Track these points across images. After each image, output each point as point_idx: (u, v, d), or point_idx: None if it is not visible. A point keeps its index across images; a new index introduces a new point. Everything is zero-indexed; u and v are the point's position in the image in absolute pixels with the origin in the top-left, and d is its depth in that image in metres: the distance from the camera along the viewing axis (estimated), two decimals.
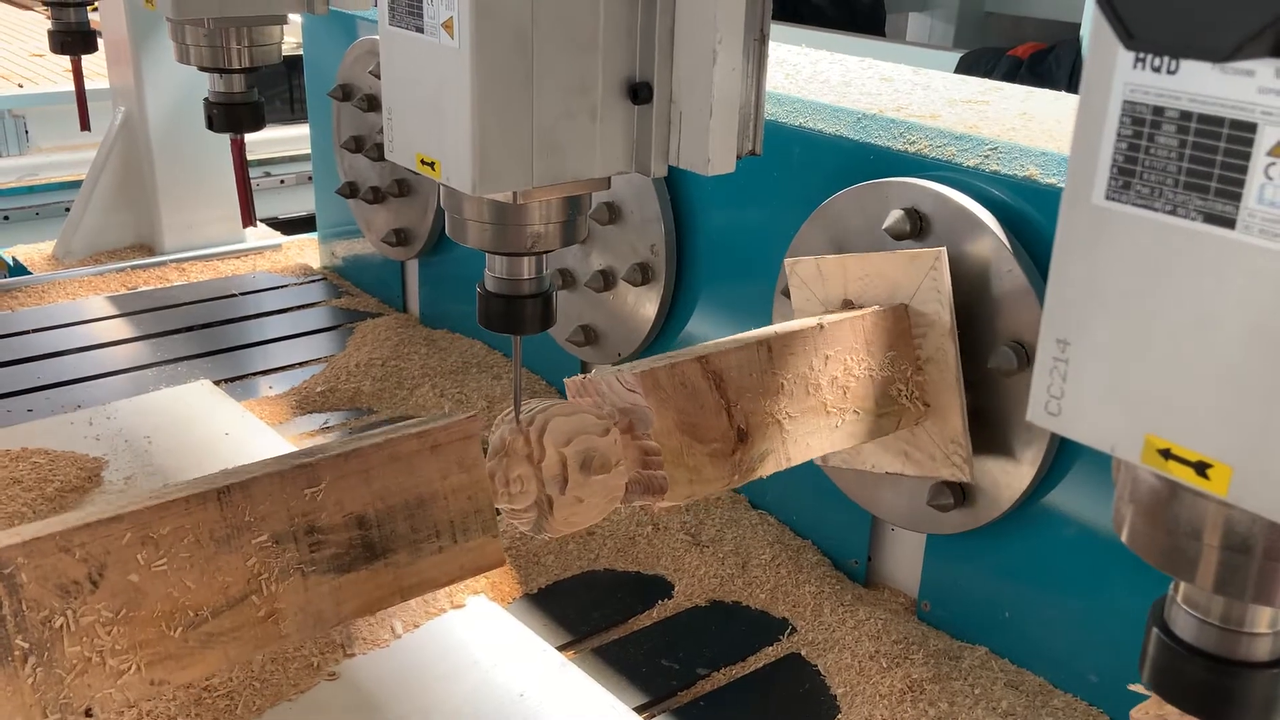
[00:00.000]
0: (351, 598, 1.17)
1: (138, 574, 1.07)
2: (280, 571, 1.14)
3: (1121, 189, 0.68)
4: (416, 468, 1.22)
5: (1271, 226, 0.63)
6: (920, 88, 1.93)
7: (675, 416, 1.30)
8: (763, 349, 1.41)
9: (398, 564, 1.20)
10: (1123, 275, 0.69)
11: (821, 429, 1.44)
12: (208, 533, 1.11)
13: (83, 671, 1.03)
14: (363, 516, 1.19)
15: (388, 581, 1.19)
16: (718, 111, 1.06)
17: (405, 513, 1.22)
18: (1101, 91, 0.68)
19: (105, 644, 1.04)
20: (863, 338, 1.50)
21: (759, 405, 1.39)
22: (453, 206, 1.14)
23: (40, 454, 2.08)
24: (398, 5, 1.02)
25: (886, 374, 1.51)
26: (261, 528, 1.14)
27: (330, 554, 1.17)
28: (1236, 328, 0.65)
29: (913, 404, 1.53)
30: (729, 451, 1.35)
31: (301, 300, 3.00)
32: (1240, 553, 0.73)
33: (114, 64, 3.28)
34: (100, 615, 1.05)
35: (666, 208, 2.03)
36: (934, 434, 1.55)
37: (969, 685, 1.62)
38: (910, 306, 1.54)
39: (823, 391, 1.45)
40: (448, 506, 1.24)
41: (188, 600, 1.09)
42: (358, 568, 1.18)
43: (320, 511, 1.17)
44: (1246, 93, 0.62)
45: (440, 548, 1.23)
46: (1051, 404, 0.74)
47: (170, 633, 1.07)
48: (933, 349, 1.53)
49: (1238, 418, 0.66)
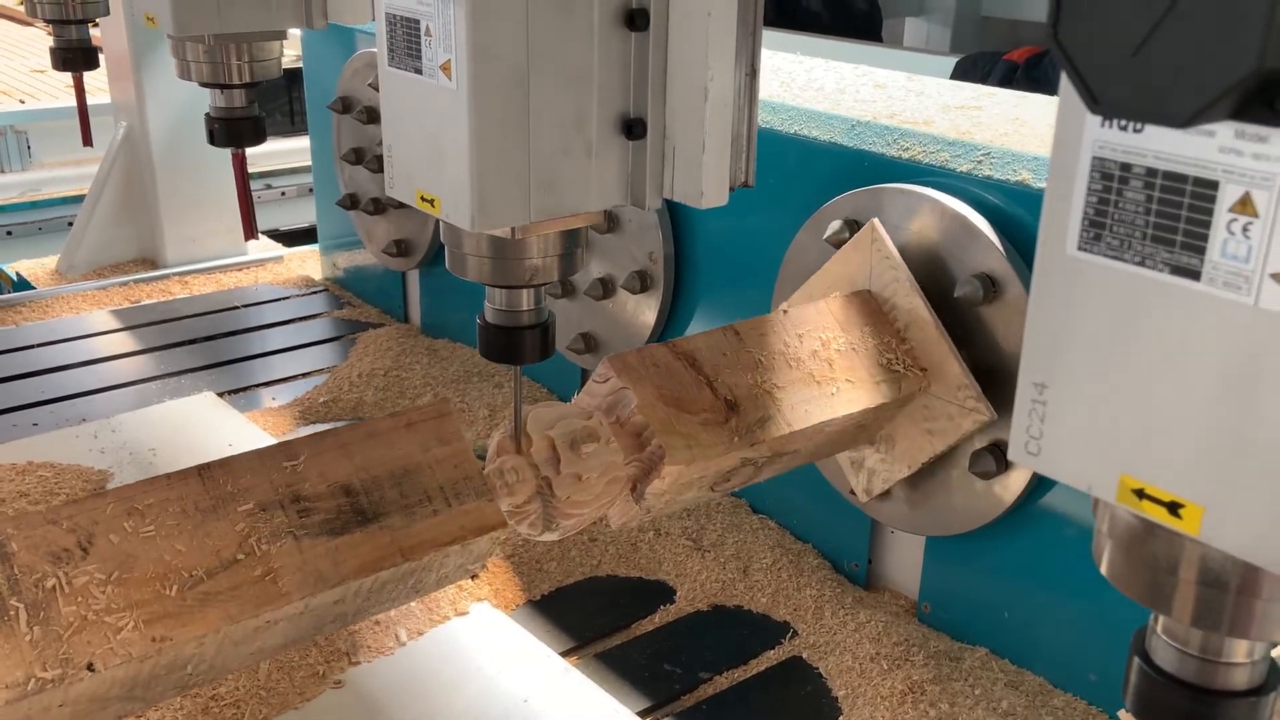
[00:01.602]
0: (350, 558, 1.19)
1: (126, 540, 1.11)
2: (271, 534, 1.17)
3: (1093, 240, 0.71)
4: (395, 442, 1.27)
5: (1234, 279, 0.66)
6: (914, 94, 1.94)
7: (654, 391, 1.33)
8: (730, 334, 1.46)
9: (393, 527, 1.23)
10: (1095, 322, 0.72)
11: (816, 397, 1.47)
12: (193, 504, 1.15)
13: (80, 629, 1.06)
14: (348, 485, 1.22)
15: (385, 543, 1.21)
16: (710, 145, 1.09)
17: (391, 481, 1.25)
18: (1072, 147, 0.71)
19: (100, 603, 1.07)
20: (832, 319, 1.54)
21: (741, 379, 1.42)
22: (452, 241, 1.17)
23: (46, 467, 2.10)
24: (397, 47, 1.05)
25: (870, 346, 1.54)
26: (246, 497, 1.18)
27: (320, 519, 1.20)
28: (1204, 374, 0.68)
29: (909, 371, 1.55)
30: (722, 420, 1.37)
31: (304, 312, 3.02)
32: (1215, 588, 0.76)
33: (115, 79, 3.30)
34: (93, 577, 1.08)
35: (664, 216, 2.05)
36: (941, 393, 1.56)
37: (969, 686, 1.63)
38: (872, 290, 1.58)
39: (805, 365, 1.48)
40: (434, 474, 1.27)
41: (180, 563, 1.12)
42: (351, 530, 1.20)
43: (303, 482, 1.21)
44: (1208, 152, 0.64)
45: (435, 510, 1.25)
46: (1031, 444, 0.77)
47: (166, 591, 1.10)
48: (906, 314, 1.56)
49: (1207, 460, 0.69)
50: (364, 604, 1.26)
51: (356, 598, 1.23)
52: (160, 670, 1.11)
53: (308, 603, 1.16)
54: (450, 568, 1.30)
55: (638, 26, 1.06)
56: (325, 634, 1.31)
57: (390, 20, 1.04)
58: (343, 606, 1.23)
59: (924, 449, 1.60)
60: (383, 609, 1.32)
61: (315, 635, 1.27)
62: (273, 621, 1.16)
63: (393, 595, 1.28)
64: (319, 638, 1.45)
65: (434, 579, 1.31)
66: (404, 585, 1.28)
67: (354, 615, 1.28)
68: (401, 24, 1.03)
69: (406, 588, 1.29)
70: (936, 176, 1.63)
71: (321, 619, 1.23)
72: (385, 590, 1.26)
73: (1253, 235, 0.64)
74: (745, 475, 1.44)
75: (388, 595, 1.27)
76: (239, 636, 1.15)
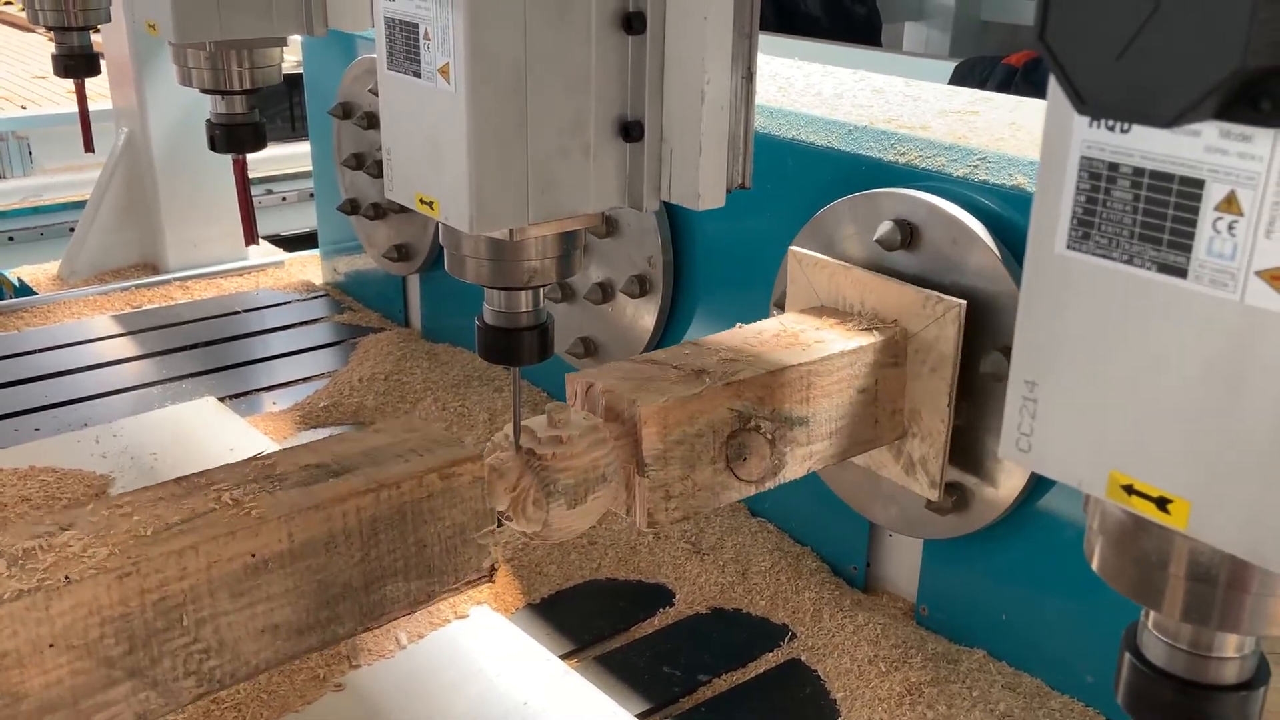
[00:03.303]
0: (324, 493, 1.25)
1: (104, 519, 1.18)
2: (244, 490, 1.25)
3: (1081, 239, 0.72)
4: (363, 439, 1.37)
5: (1220, 277, 0.66)
6: (911, 99, 1.95)
7: (618, 377, 1.38)
8: (689, 344, 1.53)
9: (367, 474, 1.30)
10: (1084, 320, 0.73)
11: (792, 351, 1.49)
12: (169, 492, 1.24)
13: (57, 566, 1.11)
14: (320, 464, 1.31)
15: (359, 484, 1.28)
16: (707, 148, 1.10)
17: (363, 456, 1.33)
18: (1061, 147, 0.72)
19: (77, 550, 1.13)
20: (791, 318, 1.60)
21: (707, 360, 1.45)
22: (451, 243, 1.17)
23: (48, 472, 2.11)
24: (396, 51, 1.06)
25: (834, 324, 1.59)
26: (220, 485, 1.26)
27: (294, 481, 1.28)
28: (1190, 371, 0.69)
29: (877, 324, 1.58)
30: (693, 379, 1.40)
31: (304, 316, 3.03)
32: (1204, 583, 0.77)
33: (117, 85, 3.31)
34: (73, 538, 1.15)
35: (663, 220, 2.06)
36: (914, 325, 1.57)
37: (967, 688, 1.64)
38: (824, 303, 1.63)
39: (772, 342, 1.52)
40: (405, 445, 1.36)
41: (157, 522, 1.19)
42: (324, 480, 1.28)
43: (275, 467, 1.30)
44: (1194, 151, 0.65)
45: (406, 460, 1.33)
46: (1022, 441, 0.78)
47: (143, 534, 1.17)
48: (856, 288, 1.61)
49: (1194, 455, 0.70)
50: (368, 562, 1.27)
51: (350, 544, 1.25)
52: (150, 613, 1.13)
53: (290, 532, 1.20)
54: (448, 524, 1.33)
55: (635, 30, 1.07)
56: (344, 621, 1.30)
57: (389, 24, 1.05)
58: (342, 560, 1.24)
59: (939, 391, 1.56)
60: (395, 587, 1.32)
61: (330, 615, 1.27)
62: (260, 560, 1.19)
63: (396, 556, 1.29)
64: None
65: (437, 539, 1.32)
66: (405, 542, 1.30)
67: (363, 583, 1.28)
68: (400, 28, 1.04)
69: (408, 546, 1.30)
70: (933, 181, 1.64)
71: (323, 577, 1.24)
72: (385, 545, 1.28)
73: (1238, 233, 0.65)
74: (758, 448, 1.42)
75: (389, 553, 1.29)
76: (228, 576, 1.17)
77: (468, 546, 1.35)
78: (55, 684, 1.08)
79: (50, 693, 1.08)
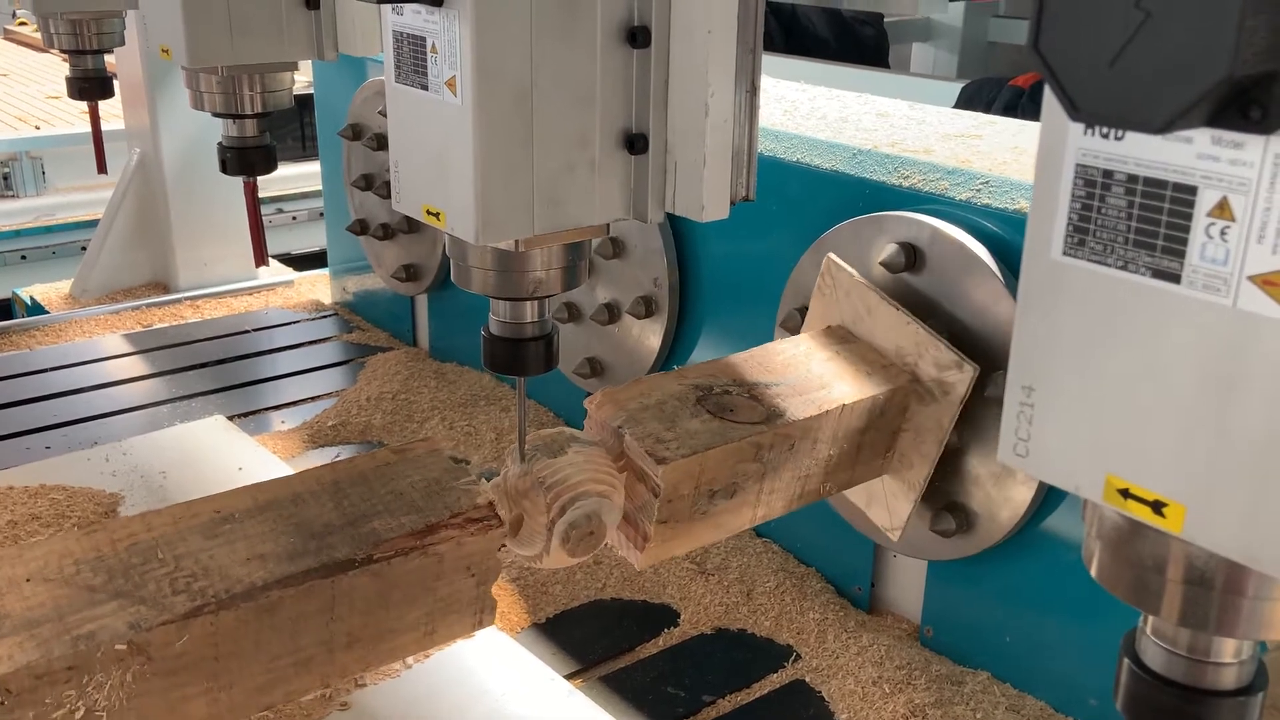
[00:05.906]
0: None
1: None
2: None
3: (1077, 245, 0.73)
4: None
5: (1213, 282, 0.67)
6: (915, 123, 1.97)
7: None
8: None
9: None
10: (1080, 326, 0.74)
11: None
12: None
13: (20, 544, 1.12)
14: None
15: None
16: (711, 161, 1.10)
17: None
18: (1056, 155, 0.73)
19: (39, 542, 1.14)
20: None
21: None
22: (457, 254, 1.18)
23: (58, 490, 2.12)
24: (403, 64, 1.07)
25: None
26: None
27: None
28: (1185, 375, 0.70)
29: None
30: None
31: (313, 335, 3.04)
32: (1201, 587, 0.77)
33: (130, 107, 3.35)
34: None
35: (669, 242, 2.07)
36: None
37: (971, 710, 1.63)
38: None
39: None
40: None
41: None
42: None
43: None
44: (1186, 158, 0.66)
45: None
46: (1019, 446, 0.79)
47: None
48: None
49: (1189, 459, 0.71)
50: (342, 509, 1.23)
51: (321, 500, 1.23)
52: (125, 554, 1.12)
53: (254, 495, 1.21)
54: (415, 479, 1.27)
55: (639, 44, 1.08)
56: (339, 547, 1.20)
57: (397, 37, 1.06)
58: (314, 510, 1.22)
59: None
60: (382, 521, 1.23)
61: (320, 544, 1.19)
62: (227, 514, 1.19)
63: (373, 503, 1.24)
64: None
65: (410, 488, 1.27)
66: (375, 494, 1.25)
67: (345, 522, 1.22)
68: (408, 41, 1.05)
69: (381, 497, 1.25)
70: (936, 204, 1.65)
71: (298, 521, 1.20)
72: (355, 497, 1.25)
73: (1230, 239, 0.65)
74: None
75: (363, 501, 1.24)
76: (196, 527, 1.17)
77: (448, 492, 1.28)
78: (37, 606, 1.06)
79: (33, 613, 1.05)
